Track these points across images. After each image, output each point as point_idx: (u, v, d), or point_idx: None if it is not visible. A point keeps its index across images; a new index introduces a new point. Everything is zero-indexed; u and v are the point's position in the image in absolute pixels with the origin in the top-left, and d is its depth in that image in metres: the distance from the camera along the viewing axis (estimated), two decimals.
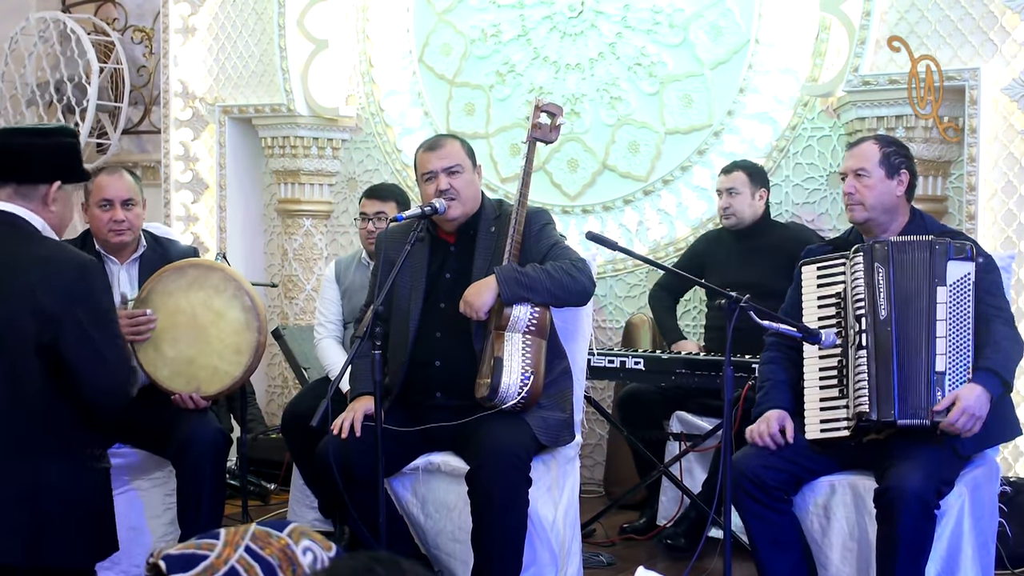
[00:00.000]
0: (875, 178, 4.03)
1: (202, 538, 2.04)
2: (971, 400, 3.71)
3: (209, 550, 1.99)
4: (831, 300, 4.03)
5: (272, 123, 6.94)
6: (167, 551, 2.01)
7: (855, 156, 4.12)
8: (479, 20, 6.56)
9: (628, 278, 6.29)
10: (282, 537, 2.05)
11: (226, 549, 1.99)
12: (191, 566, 1.97)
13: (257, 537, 2.03)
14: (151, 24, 7.97)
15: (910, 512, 3.58)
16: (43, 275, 3.51)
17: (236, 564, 1.97)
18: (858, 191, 4.05)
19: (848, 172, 4.11)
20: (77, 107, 7.82)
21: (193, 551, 1.99)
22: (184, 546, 2.02)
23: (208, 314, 4.57)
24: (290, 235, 7.06)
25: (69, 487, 3.62)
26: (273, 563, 1.99)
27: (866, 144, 4.13)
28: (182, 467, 4.54)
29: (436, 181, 4.25)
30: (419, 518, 4.34)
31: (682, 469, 5.22)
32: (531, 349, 4.13)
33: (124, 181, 4.67)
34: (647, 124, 6.17)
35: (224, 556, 1.98)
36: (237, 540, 2.02)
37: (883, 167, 4.04)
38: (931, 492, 3.63)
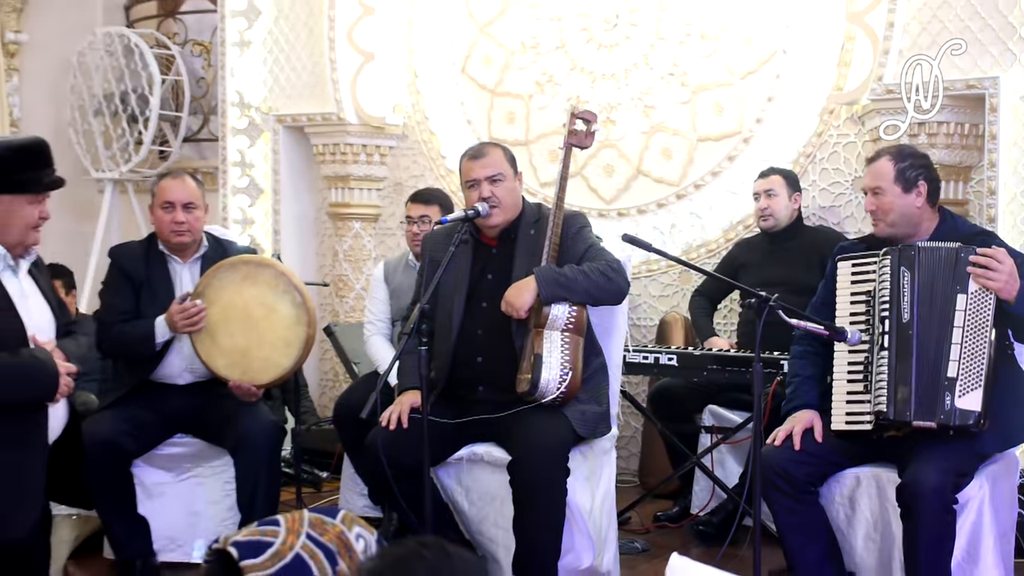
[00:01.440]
0: (891, 195, 3.96)
1: (263, 524, 2.04)
2: (1006, 257, 3.71)
3: (274, 536, 1.99)
4: (862, 297, 3.98)
5: (323, 131, 6.95)
6: (234, 538, 2.01)
7: (871, 174, 4.04)
8: (519, 32, 6.56)
9: (661, 278, 6.26)
10: (336, 524, 2.06)
11: (289, 536, 1.99)
12: (259, 552, 1.97)
13: (314, 524, 2.03)
14: (209, 38, 8.01)
15: (929, 507, 3.55)
16: None
17: (301, 551, 1.98)
18: (878, 208, 3.99)
19: (867, 190, 4.06)
20: (140, 117, 7.85)
21: (259, 538, 1.99)
22: (249, 533, 2.02)
23: (261, 308, 4.59)
24: (340, 237, 7.07)
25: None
26: (332, 549, 1.99)
27: (881, 161, 4.04)
28: (240, 457, 4.57)
29: (479, 189, 4.25)
30: (463, 506, 4.34)
31: (713, 460, 5.19)
32: (569, 346, 4.12)
33: (186, 185, 4.69)
34: (679, 131, 6.14)
35: (288, 543, 1.98)
36: (297, 527, 2.02)
37: (899, 183, 3.96)
38: (948, 486, 3.61)
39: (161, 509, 4.71)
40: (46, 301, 3.77)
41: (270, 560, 1.96)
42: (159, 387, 4.72)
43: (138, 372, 4.69)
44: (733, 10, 5.97)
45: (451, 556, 1.58)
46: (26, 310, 3.64)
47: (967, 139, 5.27)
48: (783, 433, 3.94)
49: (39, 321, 3.70)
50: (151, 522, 4.62)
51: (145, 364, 4.68)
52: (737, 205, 6.00)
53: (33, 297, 3.72)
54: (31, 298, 3.70)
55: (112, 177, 8.00)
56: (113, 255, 4.84)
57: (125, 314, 4.67)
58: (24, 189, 3.58)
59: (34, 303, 3.72)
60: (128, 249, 4.85)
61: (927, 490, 3.56)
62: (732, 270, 5.37)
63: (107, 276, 4.82)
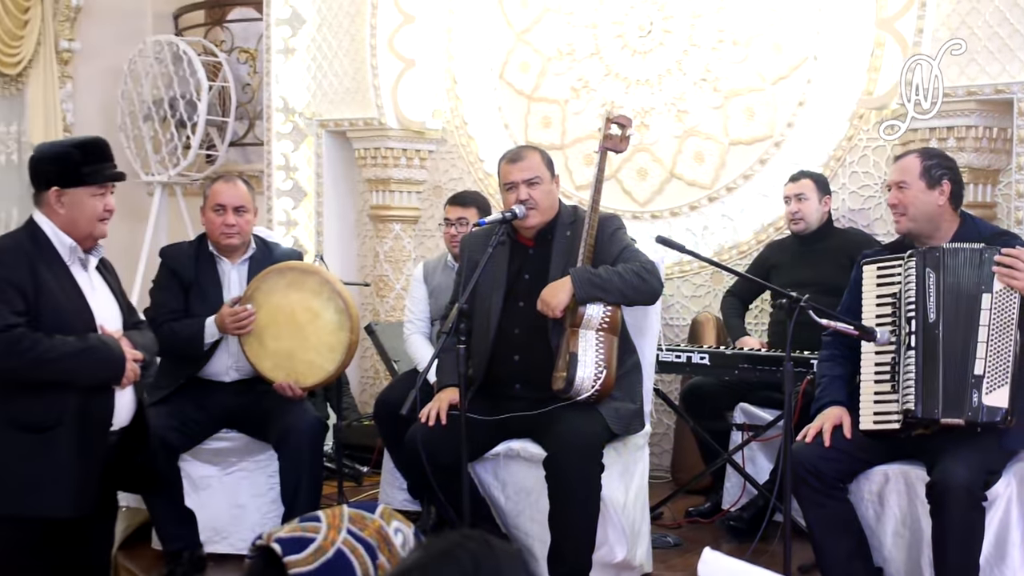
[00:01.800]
0: (915, 190, 3.97)
1: (305, 520, 2.06)
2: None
3: (315, 532, 2.00)
4: (888, 300, 3.98)
5: (365, 135, 6.98)
6: (277, 534, 2.02)
7: (898, 169, 4.07)
8: (555, 39, 6.57)
9: (694, 279, 6.26)
10: (375, 519, 2.06)
11: (331, 532, 2.00)
12: (302, 548, 1.98)
13: (354, 520, 2.04)
14: (255, 46, 8.07)
15: (958, 504, 3.54)
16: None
17: (342, 546, 1.99)
18: (901, 202, 4.00)
19: (892, 184, 4.06)
20: (188, 122, 7.92)
21: (301, 534, 2.01)
22: (291, 529, 2.03)
23: (306, 314, 4.64)
24: (381, 238, 7.10)
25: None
26: (372, 543, 2.00)
27: (909, 158, 4.08)
28: (284, 452, 4.60)
29: (517, 191, 4.27)
30: (500, 500, 4.36)
31: (744, 457, 5.18)
32: (604, 345, 4.12)
33: (238, 189, 4.74)
34: (712, 135, 6.14)
35: (330, 538, 1.99)
36: (338, 523, 2.03)
37: (924, 179, 3.97)
38: (978, 484, 3.59)
39: (207, 502, 4.75)
40: (114, 297, 3.86)
41: (312, 556, 1.97)
42: (206, 384, 4.77)
43: (187, 369, 4.73)
44: (765, 17, 5.95)
45: (494, 548, 1.59)
46: (96, 303, 3.76)
47: (995, 143, 5.24)
48: (813, 430, 3.94)
49: (106, 314, 3.81)
50: (197, 514, 4.66)
51: (194, 362, 4.73)
52: (768, 208, 5.98)
53: (101, 291, 3.84)
54: (99, 291, 3.82)
55: (161, 180, 8.08)
56: (163, 255, 4.90)
57: (174, 312, 4.72)
58: (87, 181, 3.70)
59: (101, 296, 3.83)
60: (178, 250, 4.91)
61: (957, 488, 3.55)
62: (763, 271, 5.35)
63: (157, 275, 4.87)
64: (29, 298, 3.58)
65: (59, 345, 3.58)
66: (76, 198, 3.69)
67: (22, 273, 3.58)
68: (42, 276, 3.61)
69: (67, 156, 3.71)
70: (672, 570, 4.61)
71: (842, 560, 3.86)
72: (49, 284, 3.62)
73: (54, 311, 3.62)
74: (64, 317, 3.64)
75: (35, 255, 3.64)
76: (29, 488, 3.58)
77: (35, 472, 3.58)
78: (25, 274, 3.58)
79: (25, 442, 3.58)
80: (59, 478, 3.60)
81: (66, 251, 3.70)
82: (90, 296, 3.74)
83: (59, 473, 3.59)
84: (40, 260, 3.63)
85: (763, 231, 5.98)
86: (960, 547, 3.58)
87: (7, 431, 3.62)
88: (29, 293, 3.58)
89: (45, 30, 7.96)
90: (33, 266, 3.61)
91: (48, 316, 3.61)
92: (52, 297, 3.62)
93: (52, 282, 3.63)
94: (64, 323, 3.64)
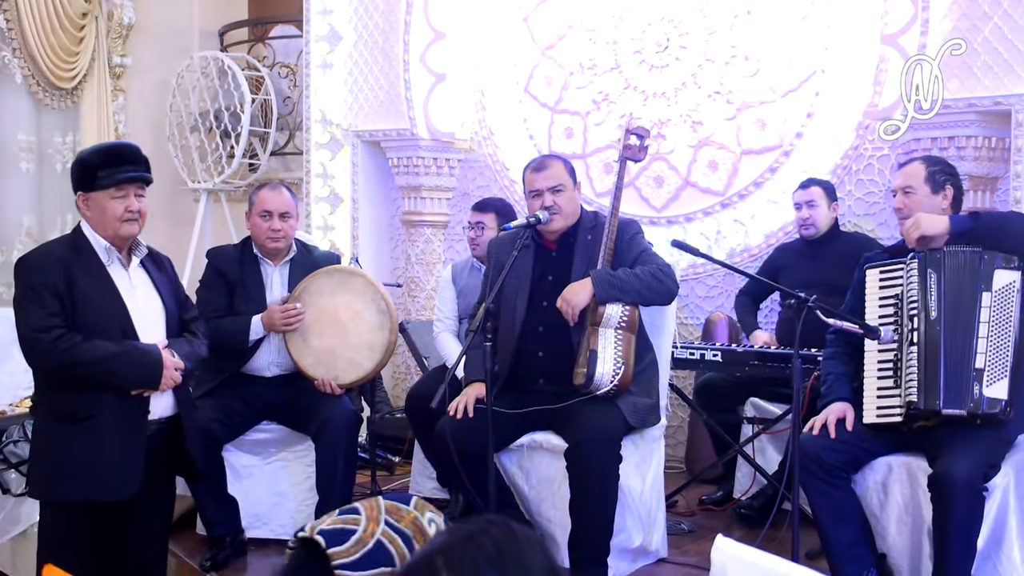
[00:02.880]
0: (921, 194, 3.97)
1: (344, 513, 2.05)
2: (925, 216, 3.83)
3: (355, 524, 1.99)
4: (890, 301, 3.96)
5: (398, 145, 6.99)
6: (320, 527, 2.02)
7: (903, 175, 4.06)
8: (577, 55, 6.56)
9: (707, 280, 6.24)
10: (411, 511, 2.06)
11: (370, 523, 2.00)
12: (344, 539, 1.97)
13: (390, 511, 2.04)
14: (295, 61, 8.09)
15: (960, 496, 3.52)
16: None
17: (382, 537, 1.98)
18: (906, 206, 3.99)
19: (897, 189, 4.04)
20: (232, 132, 7.95)
21: (342, 526, 2.00)
22: (332, 521, 2.03)
23: (349, 314, 4.65)
24: (413, 242, 7.11)
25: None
26: (409, 534, 2.00)
27: (913, 164, 4.07)
28: (321, 443, 4.61)
29: (541, 198, 4.27)
30: (524, 489, 4.36)
31: (755, 449, 5.16)
32: (622, 342, 4.12)
33: (283, 196, 4.77)
34: (725, 145, 6.12)
35: (370, 530, 1.98)
36: (376, 515, 2.02)
37: (928, 184, 3.98)
38: (979, 476, 3.57)
39: (249, 490, 4.78)
40: (159, 294, 3.85)
41: (354, 547, 1.97)
42: (248, 378, 4.79)
43: (232, 364, 4.76)
44: (775, 33, 5.93)
45: (515, 533, 1.59)
46: (134, 301, 3.74)
47: (994, 152, 5.21)
48: (819, 422, 3.93)
49: (147, 312, 3.79)
50: (240, 501, 4.69)
51: (238, 358, 4.75)
52: (778, 213, 5.96)
53: (142, 289, 3.81)
54: (139, 290, 3.79)
55: (207, 187, 8.11)
56: (210, 256, 4.92)
57: (219, 311, 4.74)
58: (103, 185, 3.70)
59: (143, 295, 3.80)
60: (224, 251, 4.93)
61: (959, 480, 3.53)
62: (772, 272, 5.33)
63: (204, 275, 4.89)
64: (65, 301, 3.60)
65: (96, 348, 3.58)
66: (98, 201, 3.70)
67: (56, 277, 3.59)
68: (77, 279, 3.61)
69: (86, 162, 3.73)
70: (686, 555, 4.60)
71: (846, 545, 3.84)
72: (83, 286, 3.62)
73: (90, 312, 3.62)
74: (100, 317, 3.64)
75: (71, 259, 3.65)
76: (75, 474, 3.60)
77: (80, 459, 3.60)
78: (59, 278, 3.59)
79: (67, 432, 3.60)
80: (101, 463, 3.61)
81: (103, 252, 3.71)
82: (128, 295, 3.73)
83: (101, 459, 3.61)
84: (76, 263, 3.64)
85: (773, 235, 5.96)
86: (960, 535, 3.56)
87: (52, 421, 3.64)
88: (64, 296, 3.59)
89: (99, 47, 8.01)
90: (68, 269, 3.62)
91: (85, 317, 3.62)
92: (88, 298, 3.62)
93: (87, 284, 3.63)
94: (101, 323, 3.64)
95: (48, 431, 3.66)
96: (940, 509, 3.58)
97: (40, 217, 7.65)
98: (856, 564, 3.83)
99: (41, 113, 7.67)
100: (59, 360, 3.56)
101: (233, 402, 4.70)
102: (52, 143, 7.78)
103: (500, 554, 1.53)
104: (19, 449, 4.72)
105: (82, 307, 3.62)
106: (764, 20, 5.96)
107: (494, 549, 1.54)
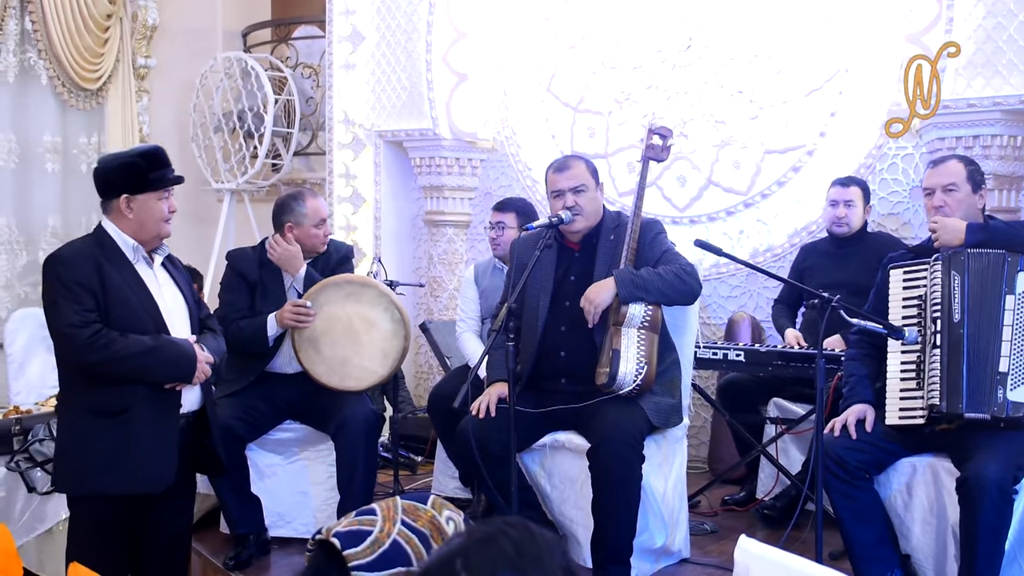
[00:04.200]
0: (963, 192, 3.94)
1: (361, 514, 2.05)
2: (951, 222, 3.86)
3: (371, 526, 1.99)
4: (914, 301, 3.94)
5: (420, 145, 7.00)
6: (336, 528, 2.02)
7: (943, 173, 3.99)
8: (600, 54, 6.55)
9: (730, 280, 6.21)
10: (428, 510, 2.06)
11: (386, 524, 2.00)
12: (359, 541, 1.98)
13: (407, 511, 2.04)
14: (318, 61, 8.11)
15: (990, 499, 3.49)
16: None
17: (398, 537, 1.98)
18: (947, 204, 3.94)
19: (936, 188, 3.98)
20: (256, 133, 7.97)
21: (358, 527, 2.00)
22: (348, 523, 2.03)
23: (362, 323, 4.65)
24: (435, 242, 7.11)
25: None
26: (426, 533, 2.00)
27: (952, 162, 4.02)
28: (341, 442, 4.63)
29: (564, 198, 4.26)
30: (546, 488, 4.35)
31: (778, 449, 5.14)
32: (645, 342, 4.10)
33: (324, 201, 4.95)
34: (748, 144, 6.09)
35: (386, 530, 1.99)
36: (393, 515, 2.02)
37: (970, 183, 3.95)
38: (1008, 479, 3.54)
39: (272, 489, 4.79)
40: (181, 293, 3.89)
41: (369, 548, 1.97)
42: (270, 377, 4.81)
43: (256, 367, 4.78)
44: (798, 32, 5.90)
45: (534, 535, 1.59)
46: (161, 298, 3.79)
47: (1019, 151, 5.16)
48: (840, 423, 3.91)
49: (174, 308, 3.86)
50: (263, 500, 4.71)
51: (261, 358, 4.77)
52: (801, 213, 5.93)
53: (167, 287, 3.87)
54: (165, 287, 3.85)
55: (230, 187, 8.13)
56: (230, 258, 4.94)
57: (241, 311, 4.76)
58: (154, 187, 3.76)
59: (168, 292, 3.86)
60: (243, 253, 4.95)
61: (989, 484, 3.50)
62: (798, 274, 5.31)
63: (224, 277, 4.91)
64: (99, 297, 3.63)
65: (133, 343, 3.62)
66: (144, 203, 3.74)
67: (90, 274, 3.63)
68: (109, 276, 3.65)
69: (134, 165, 3.76)
70: (708, 555, 4.59)
71: (868, 546, 3.83)
72: (116, 282, 3.66)
73: (123, 308, 3.67)
74: (133, 313, 3.68)
75: (101, 256, 3.69)
76: (109, 468, 3.63)
77: (114, 452, 3.63)
78: (93, 275, 3.63)
79: (102, 426, 3.63)
80: (134, 457, 3.65)
81: (130, 251, 3.75)
82: (156, 292, 3.78)
83: (134, 453, 3.65)
84: (106, 261, 3.68)
85: (796, 235, 5.93)
86: (989, 537, 3.53)
87: (85, 417, 3.66)
88: (98, 292, 3.63)
89: (123, 48, 8.04)
90: (100, 267, 3.66)
91: (117, 313, 3.65)
92: (120, 294, 3.67)
93: (119, 280, 3.67)
94: (133, 318, 3.68)
95: (80, 426, 3.68)
96: (969, 511, 3.54)
97: (65, 217, 7.69)
98: (880, 564, 3.81)
99: (66, 114, 7.71)
100: (98, 356, 3.59)
101: (256, 402, 4.71)
102: (77, 144, 7.82)
103: (519, 556, 1.53)
104: (45, 448, 4.74)
105: (115, 303, 3.66)
106: (787, 19, 5.93)
107: (513, 551, 1.54)
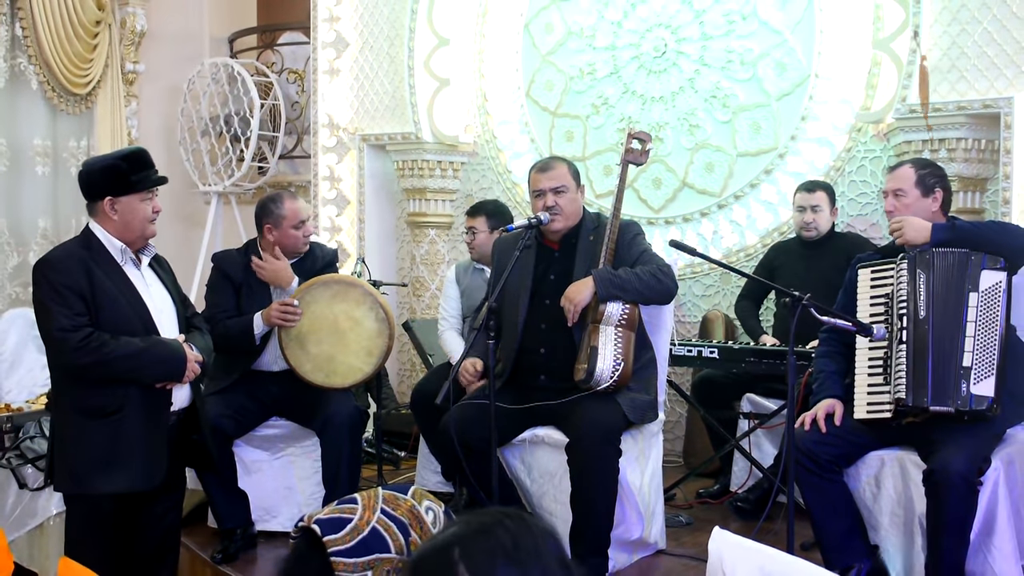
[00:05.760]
0: (911, 197, 3.99)
1: (342, 503, 2.06)
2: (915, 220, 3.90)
3: (352, 514, 2.01)
4: (881, 300, 3.97)
5: (403, 149, 6.99)
6: (317, 516, 2.03)
7: (894, 178, 4.07)
8: (577, 60, 6.56)
9: (704, 280, 6.23)
10: (408, 499, 2.07)
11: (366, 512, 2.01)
12: (340, 528, 1.99)
13: (387, 500, 2.05)
14: (303, 67, 8.10)
15: (956, 491, 3.52)
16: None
17: (376, 525, 1.99)
18: (897, 209, 4.00)
19: (888, 192, 4.05)
20: (242, 136, 7.95)
21: (339, 515, 2.01)
22: (329, 511, 2.04)
23: (348, 322, 4.65)
24: (417, 243, 7.11)
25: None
26: (405, 522, 2.01)
27: (903, 168, 4.08)
28: (326, 438, 4.63)
29: (544, 198, 4.27)
30: (526, 482, 4.36)
31: (751, 443, 5.16)
32: (622, 340, 4.12)
33: (304, 203, 4.90)
34: (721, 148, 6.11)
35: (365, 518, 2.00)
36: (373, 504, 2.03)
37: (919, 187, 3.99)
38: (974, 471, 3.58)
39: (258, 484, 4.79)
40: (168, 293, 3.89)
41: (349, 535, 1.98)
42: (256, 375, 4.81)
43: (242, 364, 4.77)
44: (770, 39, 5.93)
45: (530, 526, 1.59)
46: (149, 299, 3.79)
47: (983, 153, 5.20)
48: (810, 417, 3.94)
49: (162, 307, 3.85)
50: (249, 495, 4.70)
51: (248, 356, 4.77)
52: (773, 214, 5.95)
53: (155, 287, 3.87)
54: (152, 287, 3.85)
55: (217, 190, 8.11)
56: (215, 260, 4.93)
57: (227, 312, 4.75)
58: (137, 188, 3.75)
59: (156, 292, 3.86)
60: (228, 256, 4.95)
61: (955, 476, 3.53)
62: (768, 272, 5.33)
63: (210, 279, 4.90)
64: (88, 300, 3.63)
65: (123, 345, 3.62)
66: (128, 204, 3.74)
67: (79, 277, 3.62)
68: (98, 278, 3.65)
69: (116, 168, 3.75)
70: (684, 547, 4.60)
71: (837, 537, 3.85)
72: (105, 285, 3.66)
73: (112, 309, 3.66)
74: (122, 314, 3.68)
75: (89, 259, 3.68)
76: (102, 467, 3.63)
77: (106, 452, 3.63)
78: (82, 278, 3.62)
79: (96, 426, 3.62)
80: (128, 455, 3.65)
81: (118, 253, 3.74)
82: (144, 292, 3.78)
83: (128, 451, 3.65)
84: (94, 263, 3.67)
85: (768, 236, 5.95)
86: (955, 528, 3.56)
87: (76, 417, 3.65)
88: (87, 295, 3.62)
89: (112, 54, 8.00)
90: (88, 269, 3.65)
91: (107, 314, 3.65)
92: (109, 296, 3.66)
93: (108, 283, 3.67)
94: (122, 320, 3.67)
95: (73, 426, 3.67)
96: (935, 503, 3.57)
97: (56, 219, 7.65)
98: (849, 555, 3.83)
99: (56, 118, 7.67)
100: (89, 359, 3.58)
101: (243, 399, 4.71)
102: (67, 147, 7.77)
103: (516, 547, 1.54)
104: (36, 445, 4.72)
105: (104, 306, 3.65)
106: (759, 26, 5.96)
107: (510, 541, 1.54)
